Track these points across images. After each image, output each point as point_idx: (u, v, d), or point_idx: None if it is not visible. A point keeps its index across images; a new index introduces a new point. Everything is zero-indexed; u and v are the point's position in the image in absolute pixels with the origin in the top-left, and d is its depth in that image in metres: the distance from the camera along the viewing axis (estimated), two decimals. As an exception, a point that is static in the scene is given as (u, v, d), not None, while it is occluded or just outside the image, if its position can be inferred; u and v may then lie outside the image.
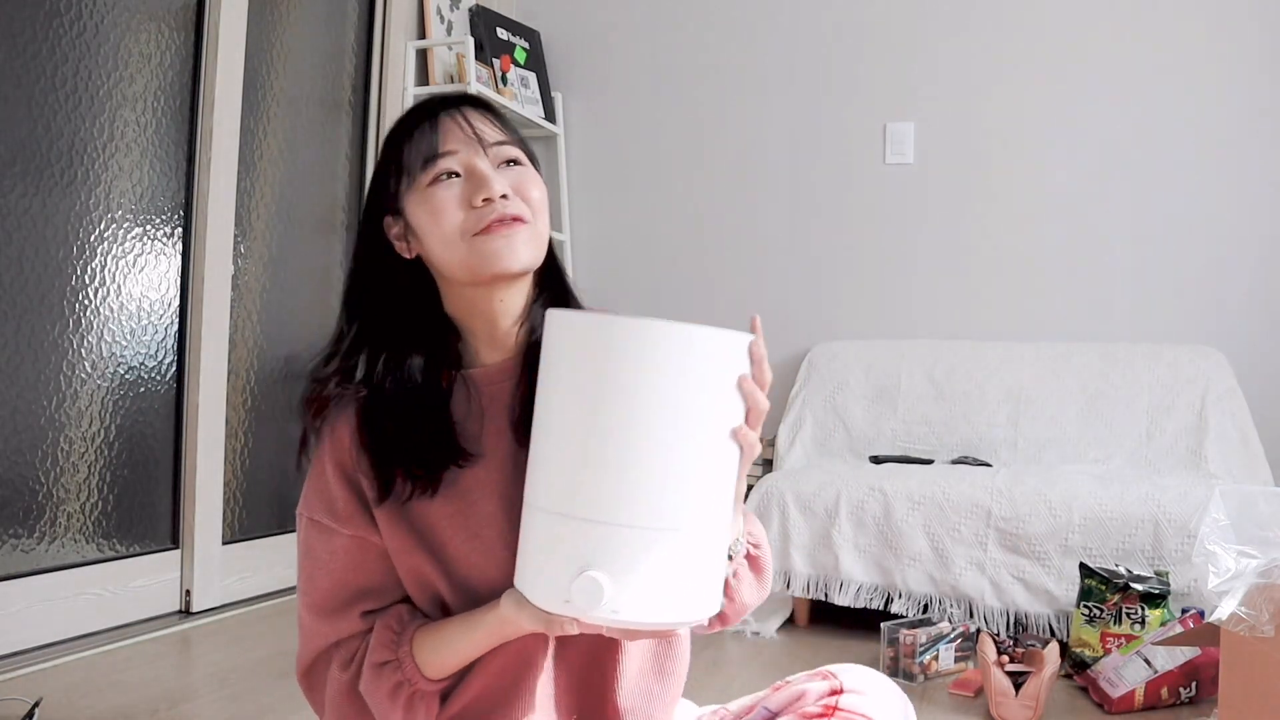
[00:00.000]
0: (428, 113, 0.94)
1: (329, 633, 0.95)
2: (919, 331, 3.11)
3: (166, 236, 2.42)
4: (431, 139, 0.92)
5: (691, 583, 0.78)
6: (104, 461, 2.26)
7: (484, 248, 0.90)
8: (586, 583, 0.74)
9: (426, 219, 0.92)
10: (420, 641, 0.91)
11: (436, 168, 0.91)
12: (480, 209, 0.90)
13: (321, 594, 0.95)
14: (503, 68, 3.32)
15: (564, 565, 0.76)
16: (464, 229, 0.90)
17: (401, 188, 0.93)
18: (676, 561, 0.76)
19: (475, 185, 0.90)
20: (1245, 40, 2.86)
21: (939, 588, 2.27)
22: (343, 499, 0.93)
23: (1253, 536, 1.24)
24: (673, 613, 0.77)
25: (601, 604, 0.74)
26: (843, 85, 3.25)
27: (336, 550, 0.94)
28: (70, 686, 1.87)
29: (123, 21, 2.28)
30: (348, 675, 0.94)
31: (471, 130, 0.92)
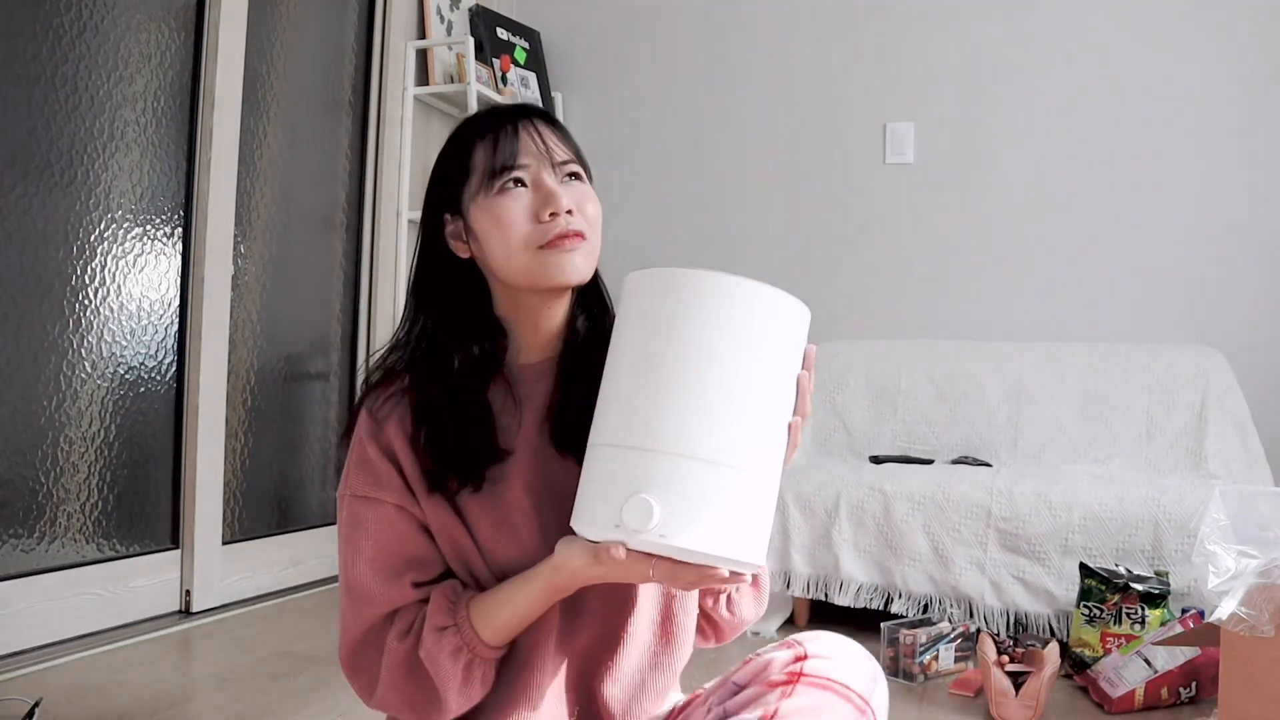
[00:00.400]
0: (505, 120, 0.98)
1: (381, 601, 0.96)
2: (919, 331, 3.11)
3: (166, 236, 2.42)
4: (508, 148, 0.96)
5: (740, 520, 0.80)
6: (104, 461, 2.26)
7: (548, 260, 0.95)
8: (638, 503, 0.78)
9: (491, 226, 0.96)
10: (476, 606, 0.93)
11: (511, 175, 0.96)
12: (546, 223, 0.95)
13: (370, 562, 0.96)
14: (503, 68, 3.32)
15: (618, 491, 0.79)
16: (529, 240, 0.95)
17: (466, 190, 0.98)
18: (727, 495, 0.80)
19: (543, 199, 0.95)
20: (1245, 40, 2.86)
21: (939, 588, 2.27)
22: (385, 471, 0.97)
23: (1253, 536, 1.24)
24: (719, 544, 0.79)
25: (651, 525, 0.77)
26: (843, 85, 3.25)
27: (383, 518, 0.97)
28: (70, 686, 1.87)
29: (123, 21, 2.28)
30: (406, 645, 0.94)
31: (544, 145, 0.97)
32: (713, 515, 0.79)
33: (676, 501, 0.78)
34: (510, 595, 0.92)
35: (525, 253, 0.95)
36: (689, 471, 0.78)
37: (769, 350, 0.83)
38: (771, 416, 0.83)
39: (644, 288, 0.85)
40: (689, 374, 0.80)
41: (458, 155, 0.99)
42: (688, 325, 0.81)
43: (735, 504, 0.80)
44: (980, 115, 3.10)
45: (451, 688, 0.92)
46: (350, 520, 0.98)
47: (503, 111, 1.00)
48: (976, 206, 3.10)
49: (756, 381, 0.82)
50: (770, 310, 0.83)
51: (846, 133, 3.24)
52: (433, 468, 0.96)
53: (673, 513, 0.78)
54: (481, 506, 0.97)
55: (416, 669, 0.94)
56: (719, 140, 3.38)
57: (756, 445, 0.81)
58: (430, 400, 0.97)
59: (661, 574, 0.84)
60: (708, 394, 0.80)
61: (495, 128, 0.98)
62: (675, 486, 0.78)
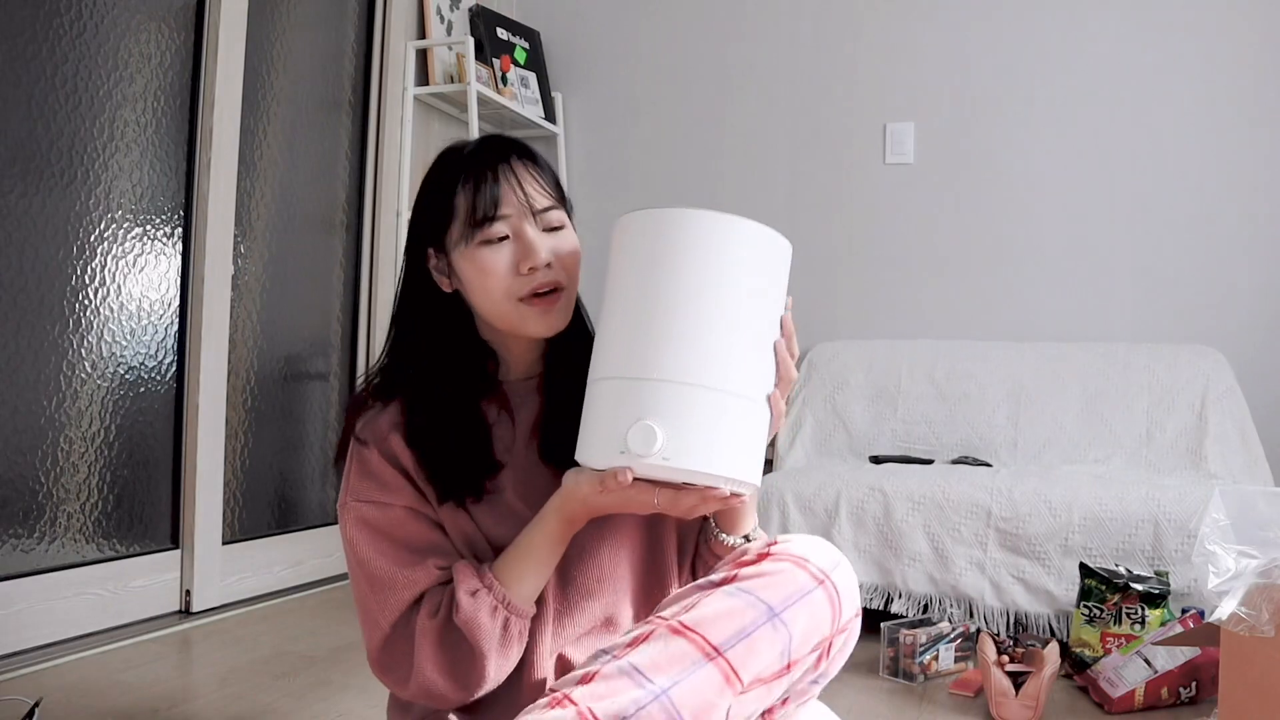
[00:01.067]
0: (486, 164, 1.01)
1: (408, 584, 0.97)
2: (919, 331, 3.11)
3: (166, 236, 2.42)
4: (489, 199, 0.99)
5: (737, 442, 0.85)
6: (104, 461, 2.26)
7: (527, 314, 1.01)
8: (641, 429, 0.82)
9: (475, 276, 1.01)
10: (499, 567, 0.97)
11: (491, 231, 1.00)
12: (526, 276, 1.00)
13: (390, 554, 0.98)
14: (503, 68, 3.32)
15: (621, 419, 0.83)
16: (509, 292, 1.00)
17: (450, 234, 1.02)
18: (724, 418, 0.84)
19: (524, 252, 1.00)
20: (1245, 40, 2.86)
21: (939, 588, 2.27)
22: (392, 478, 1.00)
23: (1253, 536, 1.24)
24: (719, 464, 0.83)
25: (655, 448, 0.81)
26: (843, 85, 3.25)
27: (395, 519, 1.00)
28: (70, 686, 1.87)
29: (123, 21, 2.28)
30: (438, 620, 0.95)
31: (524, 196, 1.01)
32: (712, 437, 0.83)
33: (678, 426, 0.82)
34: (527, 541, 0.96)
35: (506, 303, 1.00)
36: (688, 397, 0.82)
37: (755, 281, 0.87)
38: (761, 343, 0.87)
39: (632, 229, 0.89)
40: (681, 306, 0.84)
41: (440, 196, 1.03)
42: (678, 260, 0.85)
43: (732, 426, 0.84)
44: (980, 115, 3.10)
45: (491, 647, 0.93)
46: (359, 523, 1.00)
47: (485, 152, 1.03)
48: (976, 206, 3.11)
49: (745, 310, 0.86)
50: (754, 243, 0.88)
51: (846, 133, 3.24)
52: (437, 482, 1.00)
53: (675, 437, 0.82)
54: (486, 509, 1.01)
55: (452, 640, 0.95)
56: (719, 140, 3.38)
57: (749, 371, 0.86)
58: (428, 422, 1.01)
59: (665, 501, 0.87)
60: (701, 323, 0.84)
61: (476, 173, 1.01)
62: (676, 412, 0.82)
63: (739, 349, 0.85)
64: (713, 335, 0.84)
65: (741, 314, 0.86)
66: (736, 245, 0.87)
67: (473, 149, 1.04)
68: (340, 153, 3.01)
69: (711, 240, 0.86)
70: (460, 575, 0.96)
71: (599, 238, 3.46)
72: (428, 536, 1.00)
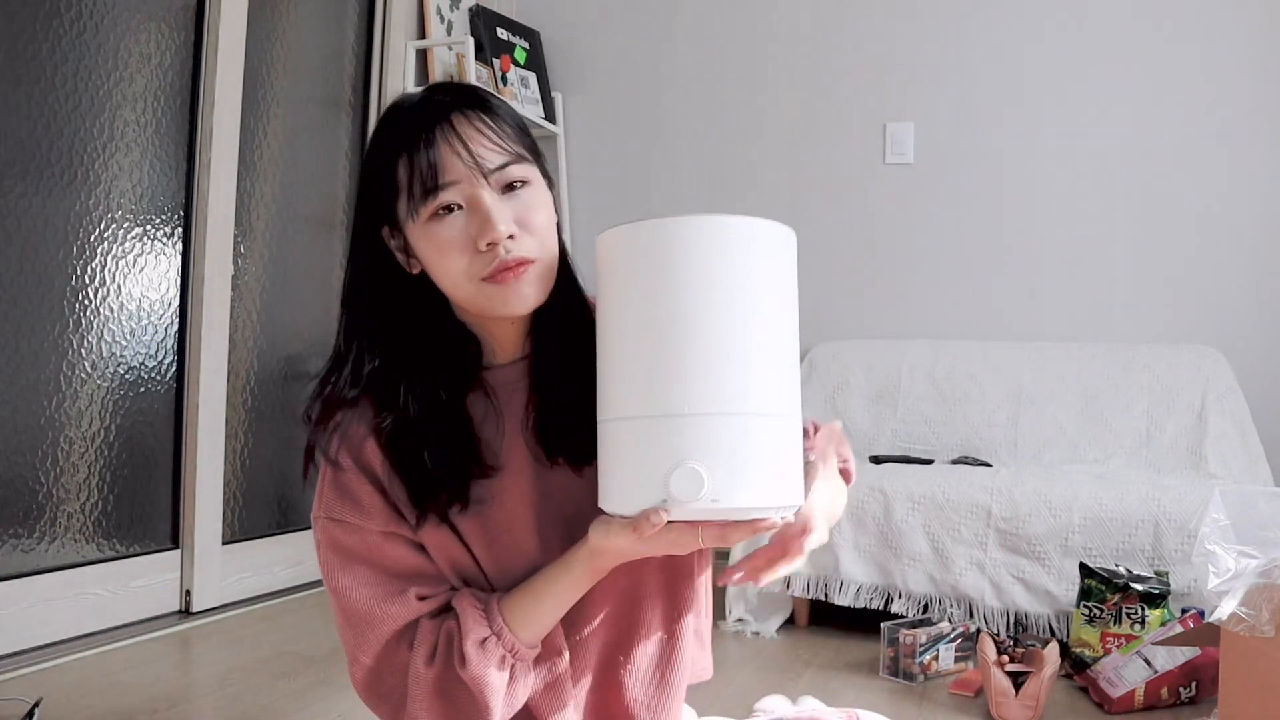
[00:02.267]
0: (421, 127, 0.86)
1: (388, 620, 0.90)
2: (919, 331, 3.11)
3: (166, 236, 2.42)
4: (430, 165, 0.85)
5: (782, 465, 0.78)
6: (104, 461, 2.26)
7: (493, 294, 0.87)
8: (686, 474, 0.74)
9: (431, 255, 0.88)
10: (509, 608, 0.88)
11: (437, 201, 0.85)
12: (485, 253, 0.85)
13: (367, 586, 0.90)
14: (503, 68, 3.32)
15: (655, 463, 0.75)
16: (470, 273, 0.86)
17: (400, 210, 0.88)
18: (767, 444, 0.77)
19: (479, 224, 0.85)
20: (1244, 40, 2.86)
21: (939, 588, 2.27)
22: (366, 496, 0.91)
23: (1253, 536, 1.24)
24: (770, 496, 0.77)
25: (702, 493, 0.74)
26: (843, 85, 3.25)
27: (370, 544, 0.91)
28: (70, 686, 1.87)
29: (123, 21, 2.28)
30: (435, 669, 0.88)
31: (470, 156, 0.85)
32: (758, 468, 0.76)
33: (722, 463, 0.74)
34: (547, 589, 0.87)
35: (469, 285, 0.86)
36: (728, 428, 0.75)
37: (770, 282, 0.80)
38: (788, 349, 0.80)
39: (625, 245, 0.80)
40: (700, 326, 0.76)
41: (380, 169, 0.88)
42: (685, 275, 0.76)
43: (774, 451, 0.77)
44: (980, 115, 3.10)
45: (497, 700, 0.87)
46: (333, 546, 0.92)
47: (423, 110, 0.88)
48: (976, 206, 3.10)
49: (767, 318, 0.78)
50: (762, 241, 0.80)
51: (846, 133, 3.24)
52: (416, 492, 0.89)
53: (721, 475, 0.74)
54: (474, 523, 0.92)
55: (451, 690, 0.88)
56: (719, 140, 3.38)
57: (781, 385, 0.79)
58: (404, 421, 0.89)
59: (711, 537, 0.79)
60: (726, 343, 0.76)
61: (412, 138, 0.86)
62: (718, 447, 0.74)
63: (770, 363, 0.77)
64: (741, 354, 0.76)
65: (765, 323, 0.78)
66: (744, 248, 0.78)
67: (411, 105, 0.89)
68: (340, 153, 3.01)
69: (717, 247, 0.77)
70: (467, 620, 0.87)
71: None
72: (407, 561, 0.91)
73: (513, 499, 0.93)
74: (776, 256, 0.81)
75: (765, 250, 0.80)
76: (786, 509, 0.79)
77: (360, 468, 0.91)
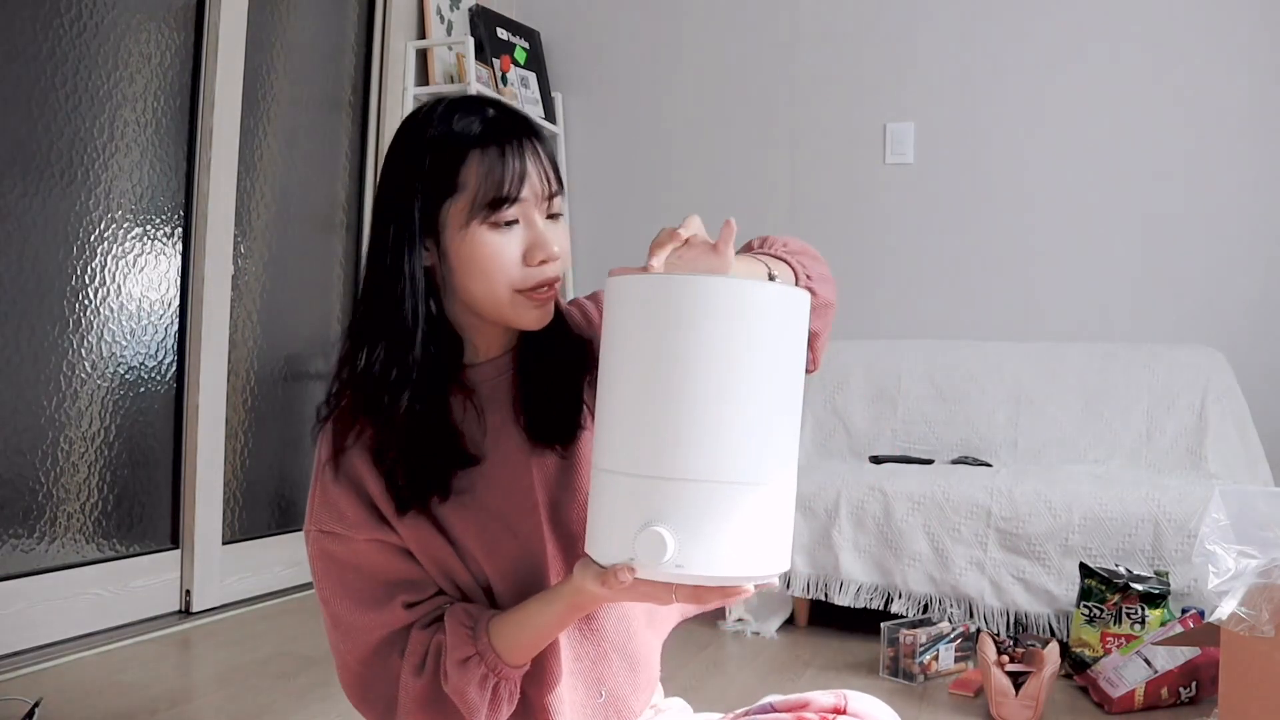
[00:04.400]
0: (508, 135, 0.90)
1: (373, 627, 0.92)
2: (919, 331, 3.11)
3: (166, 236, 2.42)
4: (515, 176, 0.89)
5: (757, 535, 0.77)
6: (104, 461, 2.26)
7: (522, 307, 0.91)
8: (650, 537, 0.75)
9: (475, 259, 0.90)
10: (497, 630, 0.90)
11: (504, 214, 0.89)
12: (534, 268, 0.90)
13: (354, 594, 0.93)
14: (503, 68, 3.32)
15: (627, 522, 0.76)
16: (514, 283, 0.90)
17: (448, 205, 0.90)
18: (741, 514, 0.76)
19: (534, 243, 0.90)
20: (1244, 40, 2.86)
21: (939, 588, 2.27)
22: (351, 508, 0.93)
23: (1253, 536, 1.24)
24: (738, 566, 0.76)
25: (665, 559, 0.74)
26: (843, 85, 3.25)
27: (358, 552, 0.93)
28: (70, 686, 1.87)
29: (123, 21, 2.28)
30: (424, 681, 0.90)
31: (545, 177, 0.91)
32: (728, 538, 0.76)
33: (689, 529, 0.74)
34: (531, 619, 0.89)
35: (505, 293, 0.90)
36: (699, 496, 0.75)
37: (775, 353, 0.78)
38: (783, 418, 0.79)
39: (630, 294, 0.80)
40: (691, 393, 0.75)
41: (444, 163, 0.89)
42: (682, 339, 0.76)
43: (750, 520, 0.77)
44: (980, 115, 3.10)
45: (479, 715, 0.89)
46: (322, 556, 0.94)
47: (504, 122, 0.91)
48: (976, 206, 3.10)
49: (764, 388, 0.77)
50: (773, 311, 0.78)
51: (846, 133, 3.24)
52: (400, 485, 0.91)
53: (687, 542, 0.75)
54: (461, 515, 0.93)
55: (439, 701, 0.91)
56: (719, 140, 3.38)
57: (768, 454, 0.78)
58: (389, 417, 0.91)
59: (685, 596, 0.81)
60: (708, 410, 0.75)
61: (499, 141, 0.89)
62: (686, 514, 0.75)
63: (753, 431, 0.77)
64: (726, 422, 0.76)
65: (760, 393, 0.77)
66: (753, 318, 0.77)
67: (485, 114, 0.91)
68: (340, 153, 3.01)
69: (718, 312, 0.76)
70: (452, 636, 0.90)
71: (599, 237, 3.46)
72: (396, 568, 0.93)
73: (502, 487, 0.95)
74: (784, 324, 0.79)
75: (777, 320, 0.78)
76: (761, 578, 0.79)
77: (347, 478, 0.93)
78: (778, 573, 0.80)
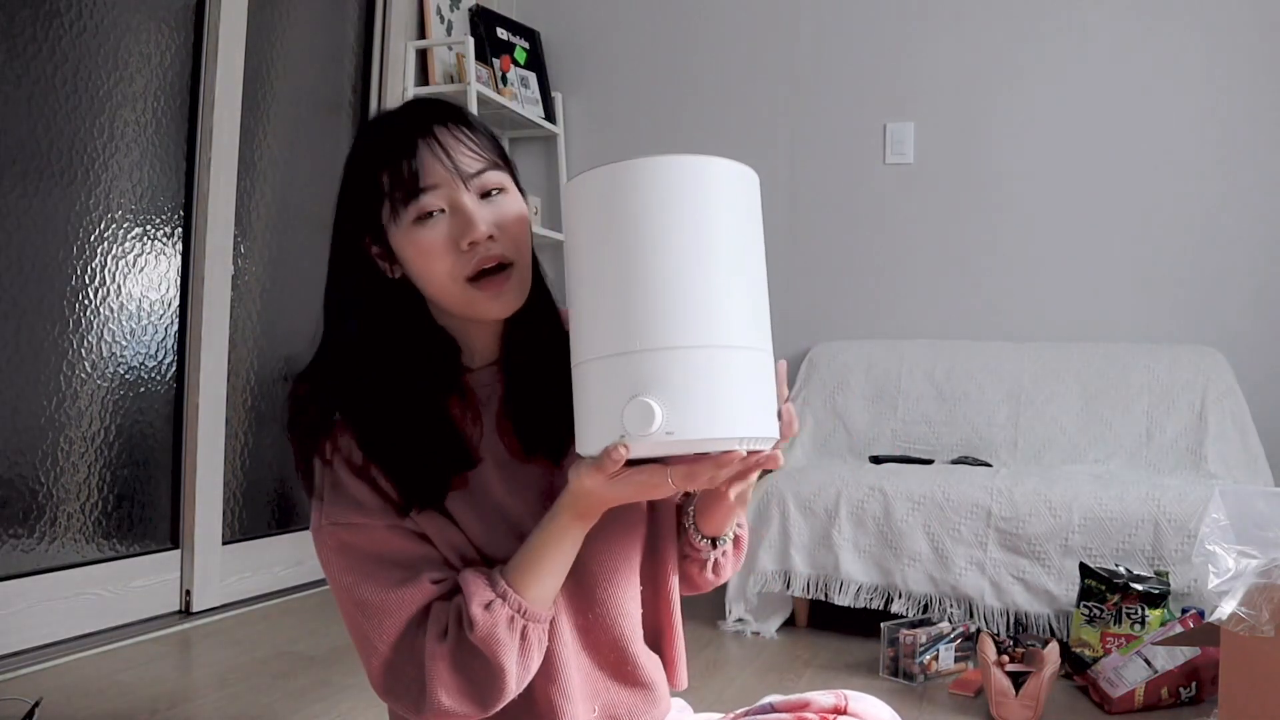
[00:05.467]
0: (404, 136, 0.92)
1: (403, 605, 0.91)
2: (919, 331, 3.11)
3: (166, 236, 2.42)
4: (413, 171, 0.90)
5: (741, 396, 0.78)
6: (104, 461, 2.26)
7: (476, 298, 0.92)
8: (637, 407, 0.75)
9: (415, 258, 0.92)
10: (511, 572, 0.90)
11: (420, 206, 0.90)
12: (467, 252, 0.91)
13: (378, 578, 0.92)
14: (503, 68, 3.32)
15: (613, 401, 0.76)
16: (454, 273, 0.91)
17: (383, 216, 0.93)
18: (723, 375, 0.77)
19: (461, 226, 0.90)
20: (1245, 40, 2.86)
21: (939, 588, 2.27)
22: (364, 495, 0.93)
23: (1253, 536, 1.24)
24: (727, 426, 0.76)
25: (655, 425, 0.74)
26: (843, 85, 3.25)
27: (377, 540, 0.93)
28: (70, 686, 1.87)
29: (123, 21, 2.28)
30: (449, 643, 0.89)
31: (451, 163, 0.91)
32: (714, 398, 0.76)
33: (675, 395, 0.75)
34: (539, 542, 0.89)
35: (453, 285, 0.91)
36: (680, 360, 0.76)
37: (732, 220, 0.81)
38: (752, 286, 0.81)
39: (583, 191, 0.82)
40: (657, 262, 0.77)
41: (363, 177, 0.93)
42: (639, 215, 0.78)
43: (732, 382, 0.77)
44: (980, 115, 3.10)
45: (510, 659, 0.88)
46: (340, 548, 0.94)
47: (402, 122, 0.93)
48: (976, 206, 3.10)
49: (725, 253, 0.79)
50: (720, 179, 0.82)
51: (846, 133, 3.24)
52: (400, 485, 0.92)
53: (674, 408, 0.75)
54: (469, 511, 0.95)
55: (467, 660, 0.89)
56: (719, 140, 3.38)
57: (739, 317, 0.79)
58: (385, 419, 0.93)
59: (680, 477, 0.81)
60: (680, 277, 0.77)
61: (395, 148, 0.91)
62: (670, 380, 0.75)
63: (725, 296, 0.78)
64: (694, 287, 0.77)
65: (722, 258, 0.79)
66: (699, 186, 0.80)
67: (390, 117, 0.95)
68: (340, 153, 2.99)
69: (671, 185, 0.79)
70: (471, 588, 0.90)
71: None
72: (415, 550, 0.94)
73: (504, 485, 0.96)
74: (736, 195, 0.82)
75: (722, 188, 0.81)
76: (752, 440, 0.78)
77: (353, 469, 0.94)
78: (766, 436, 0.79)
